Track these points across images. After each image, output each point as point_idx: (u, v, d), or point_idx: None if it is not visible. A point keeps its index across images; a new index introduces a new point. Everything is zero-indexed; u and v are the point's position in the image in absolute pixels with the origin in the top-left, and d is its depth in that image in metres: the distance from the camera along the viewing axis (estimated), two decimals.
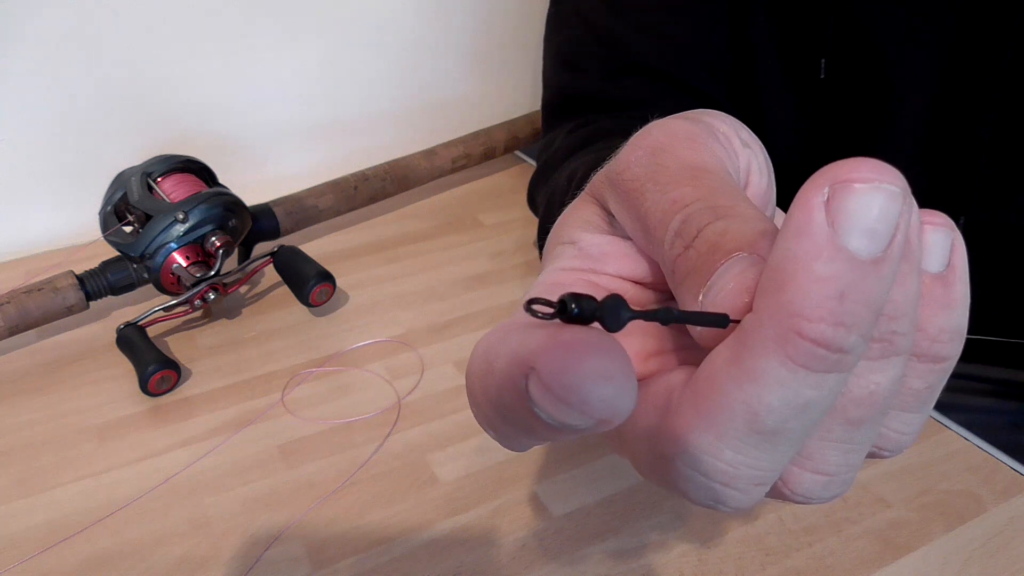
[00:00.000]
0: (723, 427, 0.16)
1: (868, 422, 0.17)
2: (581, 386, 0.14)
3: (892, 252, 0.15)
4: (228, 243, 0.50)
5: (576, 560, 0.36)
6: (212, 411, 0.45)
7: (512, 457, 0.41)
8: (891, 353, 0.16)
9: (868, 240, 0.14)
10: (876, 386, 0.17)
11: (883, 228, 0.14)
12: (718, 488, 0.17)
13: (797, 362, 0.15)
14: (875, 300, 0.15)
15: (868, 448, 0.18)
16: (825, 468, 0.18)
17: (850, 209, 0.14)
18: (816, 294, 0.14)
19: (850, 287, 0.14)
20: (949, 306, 0.18)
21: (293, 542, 0.37)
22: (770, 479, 0.17)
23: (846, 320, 0.14)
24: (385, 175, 0.63)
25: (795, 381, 0.15)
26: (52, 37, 0.58)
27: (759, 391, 0.15)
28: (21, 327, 0.47)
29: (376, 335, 0.51)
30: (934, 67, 0.46)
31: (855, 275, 0.14)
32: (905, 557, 0.36)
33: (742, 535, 0.37)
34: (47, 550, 0.36)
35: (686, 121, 0.22)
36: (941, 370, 0.18)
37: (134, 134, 0.64)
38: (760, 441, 0.16)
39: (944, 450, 0.42)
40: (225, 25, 0.64)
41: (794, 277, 0.14)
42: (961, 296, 0.18)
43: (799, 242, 0.15)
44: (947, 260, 0.18)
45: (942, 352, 0.18)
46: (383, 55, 0.73)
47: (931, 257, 0.17)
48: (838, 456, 0.18)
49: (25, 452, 0.42)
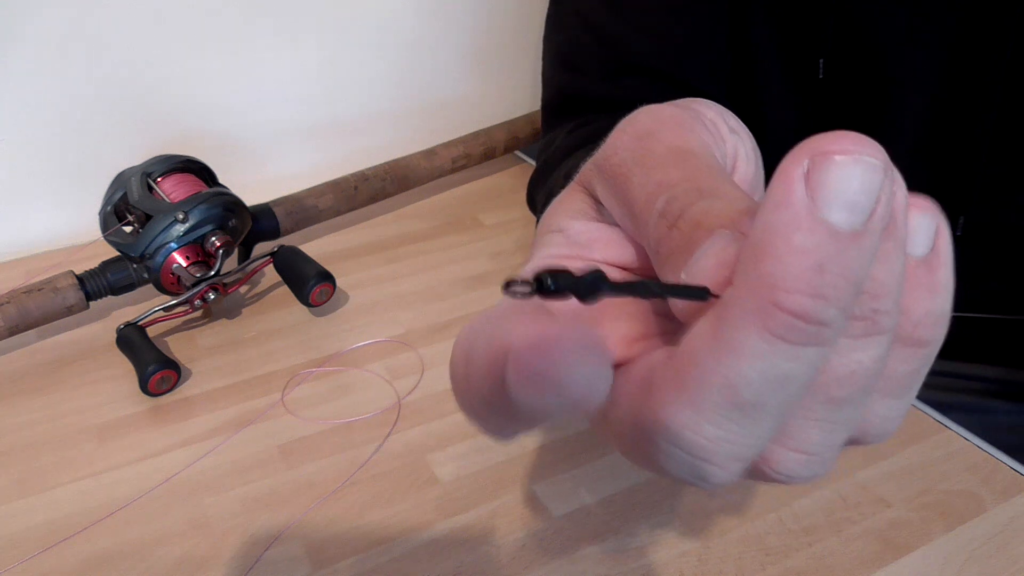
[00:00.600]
0: (702, 401, 0.16)
1: (850, 402, 0.17)
2: (554, 369, 0.15)
3: (873, 225, 0.15)
4: (228, 243, 0.50)
5: (576, 560, 0.36)
6: (212, 411, 0.45)
7: (512, 457, 0.41)
8: (874, 332, 0.16)
9: (848, 212, 0.14)
10: (858, 365, 0.17)
11: (863, 201, 0.14)
12: (699, 464, 0.17)
13: (775, 334, 0.15)
14: (855, 273, 0.15)
15: (851, 429, 0.18)
16: (806, 447, 0.18)
17: (830, 181, 0.14)
18: (795, 266, 0.14)
19: (829, 259, 0.14)
20: (933, 290, 0.18)
21: (293, 542, 0.37)
22: (750, 455, 0.17)
23: (825, 292, 0.14)
24: (385, 175, 0.63)
25: (773, 353, 0.15)
26: (52, 37, 0.58)
27: (738, 363, 0.15)
28: (21, 327, 0.47)
29: (376, 335, 0.51)
30: (934, 67, 0.46)
31: (834, 248, 0.14)
32: (905, 557, 0.36)
33: (742, 535, 0.37)
34: (47, 550, 0.36)
35: (673, 107, 0.22)
36: (924, 355, 0.18)
37: (134, 134, 0.64)
38: (740, 415, 0.16)
39: (944, 450, 0.42)
40: (225, 25, 0.64)
41: (773, 249, 0.15)
42: (945, 280, 0.18)
43: (778, 214, 0.15)
44: (932, 243, 0.18)
45: (925, 336, 0.18)
46: (383, 55, 0.73)
47: (916, 240, 0.17)
48: (819, 435, 0.18)
49: (25, 452, 0.42)
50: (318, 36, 0.69)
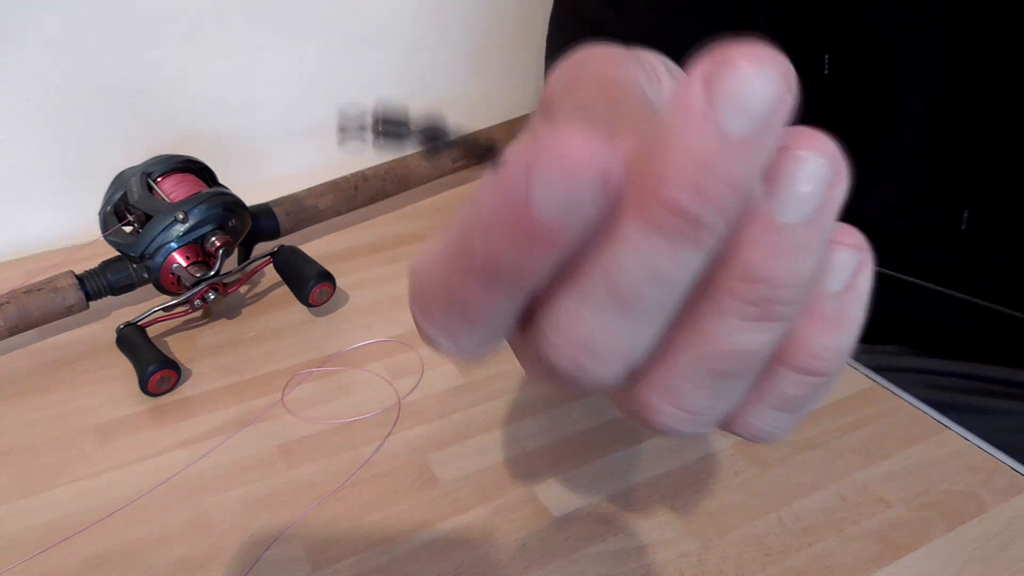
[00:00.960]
0: (582, 288, 0.16)
1: (731, 377, 0.18)
2: (580, 151, 0.15)
3: (763, 135, 0.15)
4: (228, 243, 0.50)
5: (576, 560, 0.36)
6: (212, 411, 0.45)
7: (512, 457, 0.41)
8: (764, 318, 0.16)
9: (740, 118, 0.14)
10: (741, 346, 0.17)
11: (757, 109, 0.14)
12: (577, 355, 0.17)
13: (651, 225, 0.15)
14: (737, 179, 0.15)
15: (732, 403, 0.19)
16: (687, 407, 0.18)
17: (727, 86, 0.14)
18: (678, 161, 0.15)
19: (713, 160, 0.14)
20: (840, 327, 0.18)
21: (293, 542, 0.37)
22: (626, 355, 0.17)
23: (704, 192, 0.15)
24: (385, 175, 0.63)
25: (648, 246, 0.15)
26: (52, 37, 0.58)
27: (615, 253, 0.16)
28: (21, 327, 0.47)
29: (376, 335, 0.51)
30: (937, 63, 0.46)
31: (721, 150, 0.14)
32: (905, 557, 0.36)
33: (742, 535, 0.37)
34: (47, 550, 0.36)
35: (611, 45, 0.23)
36: (817, 384, 0.18)
37: (134, 134, 0.64)
38: (617, 308, 0.16)
39: (944, 450, 0.42)
40: (225, 25, 0.64)
41: (661, 145, 0.15)
42: (853, 319, 0.18)
43: (672, 114, 0.15)
44: (850, 280, 0.18)
45: (821, 368, 0.18)
46: (383, 55, 0.73)
47: (835, 275, 0.18)
48: (700, 400, 0.18)
49: (25, 452, 0.42)
50: (318, 36, 0.69)
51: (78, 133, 0.62)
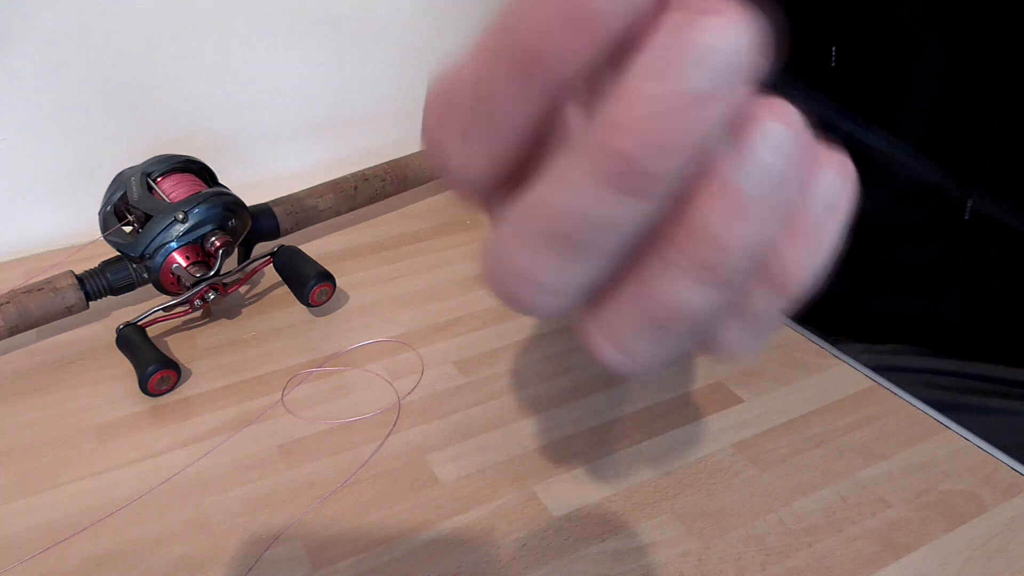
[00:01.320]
0: (524, 223, 0.16)
1: (673, 331, 0.17)
2: None
3: (723, 93, 0.15)
4: (228, 243, 0.50)
5: (576, 560, 0.36)
6: (212, 411, 0.45)
7: (512, 457, 0.41)
8: (709, 280, 0.16)
9: (702, 73, 0.14)
10: (683, 301, 0.17)
11: (720, 66, 0.14)
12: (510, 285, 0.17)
13: (597, 172, 0.15)
14: (691, 134, 0.15)
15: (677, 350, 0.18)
16: (629, 351, 0.18)
17: (692, 39, 0.14)
18: (632, 111, 0.14)
19: (669, 113, 0.14)
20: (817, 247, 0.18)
21: (293, 542, 0.37)
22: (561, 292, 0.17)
23: (654, 142, 0.14)
24: (385, 175, 0.63)
25: (591, 190, 0.15)
26: (52, 37, 0.58)
27: (558, 192, 0.16)
28: (21, 327, 0.47)
29: (376, 335, 0.51)
30: (944, 55, 0.46)
31: (678, 103, 0.14)
32: (905, 557, 0.36)
33: (742, 535, 0.37)
34: (47, 550, 0.36)
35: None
36: (784, 299, 0.18)
37: (134, 134, 0.64)
38: (554, 247, 0.16)
39: (944, 450, 0.42)
40: (225, 25, 0.64)
41: (622, 94, 0.15)
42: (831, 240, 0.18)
43: (635, 65, 0.15)
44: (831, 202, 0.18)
45: (790, 287, 0.18)
46: (383, 55, 0.73)
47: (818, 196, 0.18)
48: (644, 346, 0.18)
49: (25, 452, 0.42)
50: (318, 36, 0.69)
51: (78, 133, 0.62)
